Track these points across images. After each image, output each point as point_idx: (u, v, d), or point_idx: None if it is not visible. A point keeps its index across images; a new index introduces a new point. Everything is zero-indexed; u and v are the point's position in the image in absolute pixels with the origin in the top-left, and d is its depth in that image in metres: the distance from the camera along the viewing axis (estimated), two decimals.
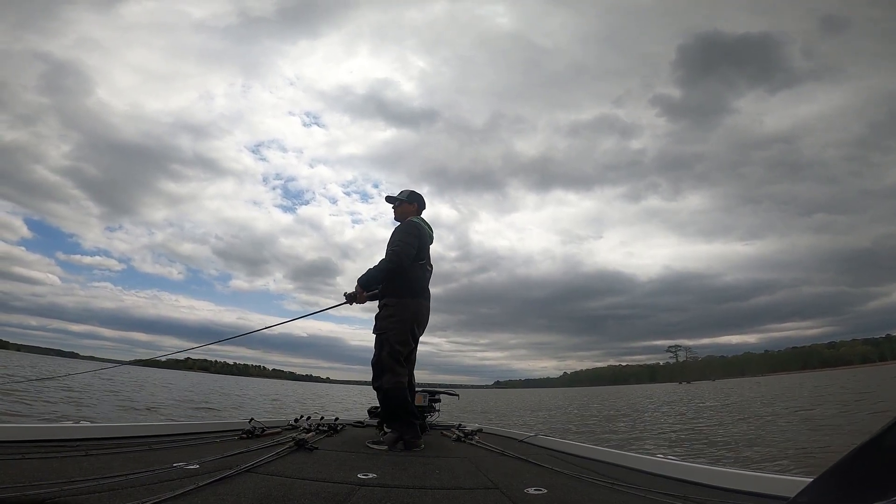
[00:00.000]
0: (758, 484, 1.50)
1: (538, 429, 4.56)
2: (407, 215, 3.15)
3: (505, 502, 1.49)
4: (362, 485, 1.61)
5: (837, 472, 0.66)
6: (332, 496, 1.42)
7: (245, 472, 1.63)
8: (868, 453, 0.61)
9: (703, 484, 1.66)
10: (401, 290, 2.88)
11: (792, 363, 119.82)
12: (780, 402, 13.31)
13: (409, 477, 1.83)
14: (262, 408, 12.36)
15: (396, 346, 2.81)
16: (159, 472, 1.50)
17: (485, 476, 1.92)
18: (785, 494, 1.31)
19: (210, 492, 1.33)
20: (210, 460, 1.78)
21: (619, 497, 1.58)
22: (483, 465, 2.20)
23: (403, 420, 2.74)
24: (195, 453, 1.94)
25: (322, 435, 3.01)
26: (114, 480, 1.32)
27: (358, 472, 1.78)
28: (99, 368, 12.67)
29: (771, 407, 11.99)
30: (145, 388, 15.63)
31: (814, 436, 6.33)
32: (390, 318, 2.84)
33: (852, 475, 0.63)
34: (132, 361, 10.09)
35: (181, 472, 1.55)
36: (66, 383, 11.13)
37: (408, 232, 2.96)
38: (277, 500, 1.35)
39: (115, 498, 1.18)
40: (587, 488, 1.73)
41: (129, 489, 1.27)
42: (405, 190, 3.26)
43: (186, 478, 1.45)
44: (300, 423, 3.42)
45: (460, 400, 8.70)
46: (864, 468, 0.61)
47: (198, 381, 37.61)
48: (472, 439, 3.15)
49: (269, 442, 2.44)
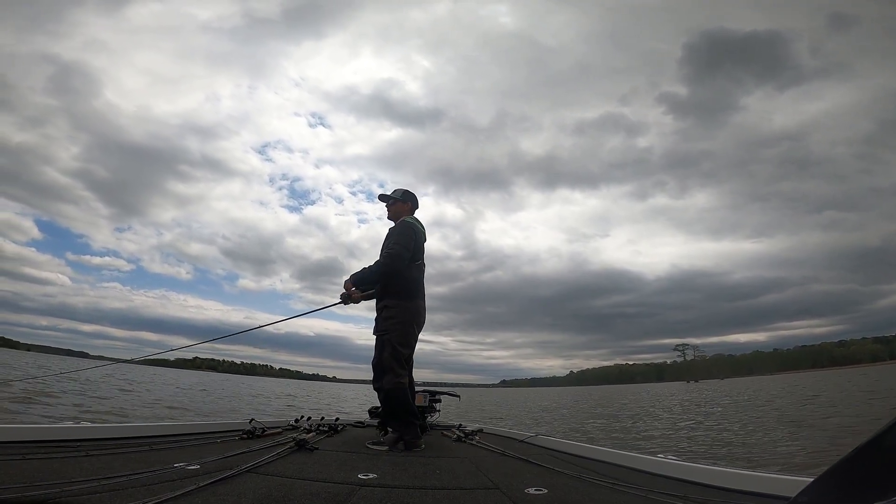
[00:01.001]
0: (758, 484, 1.50)
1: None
2: (401, 214, 3.15)
3: (505, 502, 1.49)
4: (363, 485, 1.61)
5: (838, 471, 0.66)
6: (333, 496, 1.42)
7: (246, 473, 1.63)
8: (868, 453, 0.61)
9: (704, 484, 1.66)
10: (401, 292, 2.90)
11: (802, 362, 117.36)
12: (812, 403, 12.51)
13: (410, 477, 1.83)
14: (288, 411, 12.09)
15: (399, 347, 2.83)
16: (160, 472, 1.50)
17: (485, 476, 1.92)
18: (786, 494, 1.31)
19: (210, 492, 1.33)
20: (211, 461, 1.78)
21: (619, 497, 1.58)
22: (483, 466, 2.20)
23: (404, 420, 2.75)
24: (196, 454, 1.94)
25: (322, 435, 3.01)
26: (115, 481, 1.33)
27: (358, 473, 1.78)
28: (91, 367, 12.59)
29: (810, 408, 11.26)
30: (157, 387, 15.54)
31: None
32: (391, 319, 2.85)
33: (853, 475, 0.63)
34: (129, 360, 10.01)
35: (182, 472, 1.55)
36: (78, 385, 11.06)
37: (403, 234, 2.97)
38: (278, 500, 1.35)
39: (116, 498, 1.18)
40: (588, 488, 1.72)
41: (130, 489, 1.27)
42: (399, 189, 3.26)
43: (187, 478, 1.45)
44: (301, 424, 3.42)
45: (463, 401, 8.53)
46: (865, 468, 0.61)
47: (206, 380, 37.16)
48: (473, 439, 3.15)
49: (269, 442, 2.44)
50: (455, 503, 1.50)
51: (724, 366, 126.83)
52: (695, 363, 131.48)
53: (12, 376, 12.39)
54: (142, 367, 35.83)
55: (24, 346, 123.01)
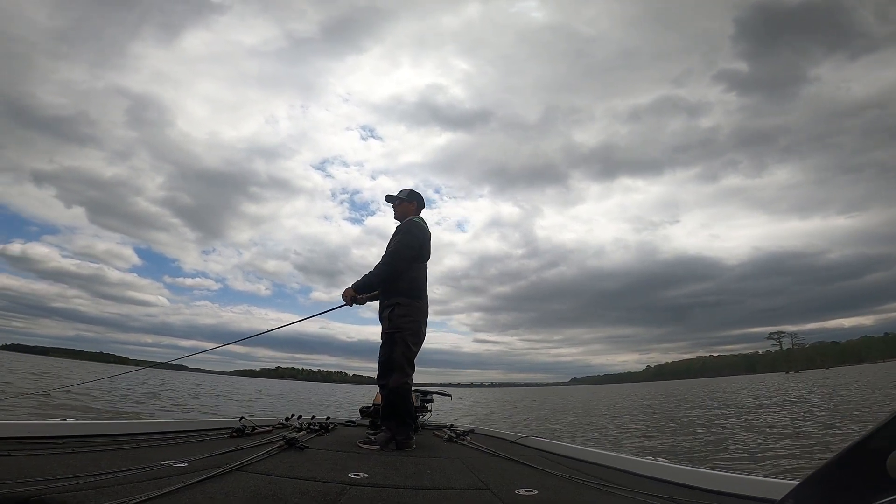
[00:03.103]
0: (744, 486, 1.52)
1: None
2: (407, 214, 3.21)
3: (496, 503, 1.50)
4: (353, 484, 1.60)
5: (822, 475, 0.67)
6: (323, 495, 1.42)
7: (234, 471, 1.62)
8: (852, 458, 0.62)
9: (691, 486, 1.67)
10: (411, 291, 2.95)
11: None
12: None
13: (401, 477, 1.83)
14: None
15: (411, 345, 2.88)
16: (147, 469, 1.48)
17: (476, 477, 1.93)
18: (771, 497, 1.32)
19: (199, 490, 1.32)
20: (199, 458, 1.76)
21: (608, 498, 1.59)
22: (474, 466, 2.21)
23: (400, 420, 2.76)
24: (184, 451, 1.93)
25: (313, 434, 3.01)
26: (101, 478, 1.31)
27: (349, 472, 1.78)
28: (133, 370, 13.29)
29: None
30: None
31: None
32: (405, 317, 2.89)
33: (837, 479, 0.64)
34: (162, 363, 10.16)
35: (169, 470, 1.53)
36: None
37: (408, 233, 3.05)
38: (267, 498, 1.34)
39: (101, 495, 1.16)
40: (577, 489, 1.73)
41: (117, 487, 1.25)
42: (404, 189, 3.33)
43: (175, 476, 1.44)
44: (291, 422, 3.41)
45: (543, 402, 8.14)
46: (849, 472, 0.62)
47: (291, 387, 35.29)
48: (464, 440, 3.16)
49: (259, 440, 2.42)
50: (446, 503, 1.50)
51: (827, 354, 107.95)
52: (793, 352, 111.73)
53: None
54: (233, 377, 35.24)
55: (132, 361, 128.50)
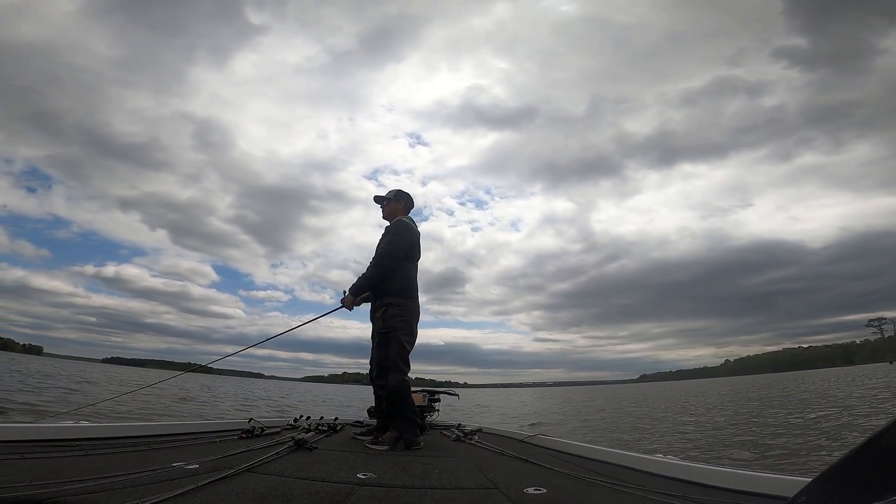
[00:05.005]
0: (757, 484, 1.50)
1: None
2: (395, 214, 3.25)
3: (504, 502, 1.49)
4: (362, 484, 1.61)
5: (836, 472, 0.66)
6: (332, 496, 1.42)
7: (244, 472, 1.63)
8: (866, 454, 0.61)
9: (703, 484, 1.66)
10: (403, 290, 2.97)
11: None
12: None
13: (409, 476, 1.83)
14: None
15: (405, 344, 2.90)
16: (158, 471, 1.50)
17: (484, 476, 1.92)
18: (784, 494, 1.31)
19: (209, 491, 1.33)
20: (209, 460, 1.78)
21: (618, 497, 1.58)
22: (483, 465, 2.20)
23: (405, 418, 2.78)
24: (194, 453, 1.94)
25: (321, 434, 3.03)
26: (113, 480, 1.32)
27: (357, 472, 1.78)
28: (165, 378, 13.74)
29: None
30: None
31: None
32: (399, 317, 2.91)
33: (850, 476, 0.63)
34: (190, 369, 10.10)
35: (180, 471, 1.55)
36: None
37: (397, 233, 3.08)
38: (277, 499, 1.34)
39: (114, 497, 1.18)
40: (587, 488, 1.72)
41: (129, 489, 1.27)
42: (392, 189, 3.38)
43: (186, 477, 1.45)
44: (300, 423, 3.43)
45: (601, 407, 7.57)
46: (863, 469, 0.61)
47: (357, 393, 34.13)
48: (472, 439, 3.16)
49: (268, 441, 2.44)
50: (454, 503, 1.50)
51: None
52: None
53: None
54: (305, 384, 35.37)
55: (217, 371, 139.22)
